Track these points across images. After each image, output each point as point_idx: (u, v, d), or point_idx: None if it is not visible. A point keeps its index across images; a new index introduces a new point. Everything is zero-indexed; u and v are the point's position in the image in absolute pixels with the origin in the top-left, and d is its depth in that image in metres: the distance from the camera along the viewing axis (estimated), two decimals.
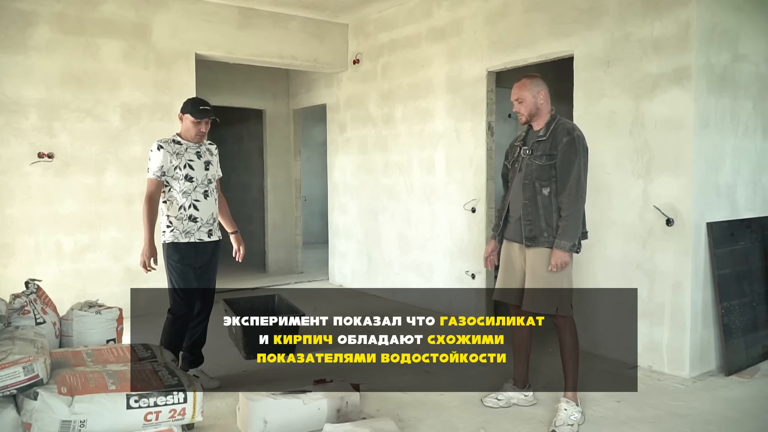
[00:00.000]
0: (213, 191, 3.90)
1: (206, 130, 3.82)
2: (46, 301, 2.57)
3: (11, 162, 5.44)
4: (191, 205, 3.76)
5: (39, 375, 1.84)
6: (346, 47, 7.28)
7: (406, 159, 6.43)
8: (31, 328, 2.25)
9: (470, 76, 5.59)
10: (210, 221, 3.86)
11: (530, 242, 3.32)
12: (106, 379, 1.93)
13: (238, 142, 10.14)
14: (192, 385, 2.02)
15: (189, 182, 3.74)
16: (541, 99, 3.36)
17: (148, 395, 1.92)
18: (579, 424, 3.26)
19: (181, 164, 3.72)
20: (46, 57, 5.54)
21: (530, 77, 3.40)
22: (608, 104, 4.43)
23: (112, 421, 1.86)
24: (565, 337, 3.37)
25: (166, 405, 1.93)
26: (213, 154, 3.98)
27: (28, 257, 5.51)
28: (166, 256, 3.75)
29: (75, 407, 1.82)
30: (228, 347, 4.91)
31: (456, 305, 5.84)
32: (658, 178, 4.13)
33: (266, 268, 8.69)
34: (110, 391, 1.88)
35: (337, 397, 3.34)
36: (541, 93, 3.35)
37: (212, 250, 3.93)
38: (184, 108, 3.77)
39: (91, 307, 2.61)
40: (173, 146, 3.75)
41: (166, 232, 3.76)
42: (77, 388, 1.86)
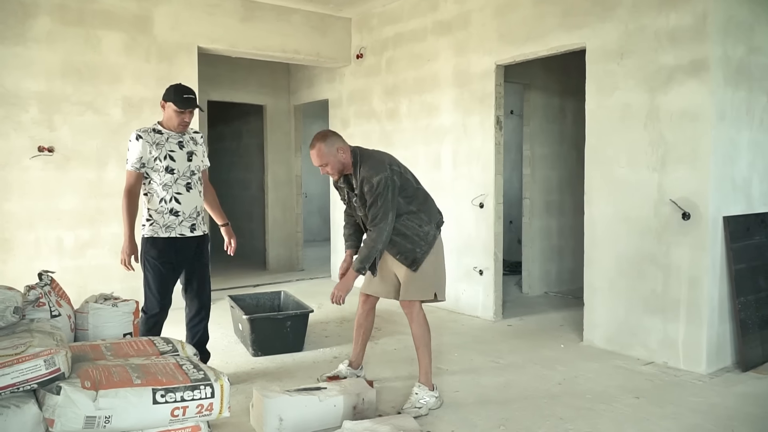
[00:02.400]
0: (197, 183, 3.68)
1: (190, 120, 3.61)
2: (61, 293, 2.47)
3: (11, 156, 5.32)
4: (172, 198, 3.54)
5: (61, 368, 1.75)
6: (350, 41, 7.19)
7: (412, 154, 6.34)
8: (47, 320, 2.16)
9: (478, 69, 5.52)
10: (193, 215, 3.63)
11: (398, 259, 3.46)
12: (131, 373, 1.84)
13: (237, 138, 10.04)
14: (219, 379, 1.94)
15: (170, 174, 3.52)
16: (342, 154, 3.31)
17: (174, 390, 1.83)
18: (431, 408, 3.35)
19: (161, 155, 3.50)
20: (47, 49, 5.43)
21: (321, 139, 3.30)
22: (622, 97, 4.37)
23: (138, 417, 1.77)
24: (413, 326, 3.46)
25: (193, 400, 1.85)
26: (198, 143, 3.72)
27: (27, 253, 5.39)
28: (144, 252, 3.55)
29: (100, 402, 1.73)
30: (234, 344, 4.82)
31: (463, 302, 5.77)
32: (673, 171, 4.08)
33: (267, 266, 8.60)
34: (136, 386, 1.79)
35: (353, 394, 3.27)
36: (338, 149, 3.30)
37: (197, 245, 3.70)
38: (167, 95, 3.54)
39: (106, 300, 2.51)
40: (153, 136, 3.53)
41: (145, 226, 3.57)
42: (101, 383, 1.78)
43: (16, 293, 2.12)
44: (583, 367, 4.15)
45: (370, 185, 3.21)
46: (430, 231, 3.42)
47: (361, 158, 3.29)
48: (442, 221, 3.53)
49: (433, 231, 3.44)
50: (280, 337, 4.50)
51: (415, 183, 3.45)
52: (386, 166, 3.26)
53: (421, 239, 3.38)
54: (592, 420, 3.26)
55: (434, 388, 3.47)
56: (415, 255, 3.37)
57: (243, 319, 4.50)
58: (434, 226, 3.46)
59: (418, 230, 3.37)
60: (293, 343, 4.56)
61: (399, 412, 3.33)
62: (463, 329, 5.24)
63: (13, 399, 1.70)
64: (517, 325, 5.34)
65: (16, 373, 1.68)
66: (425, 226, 3.40)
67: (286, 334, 4.52)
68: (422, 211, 3.41)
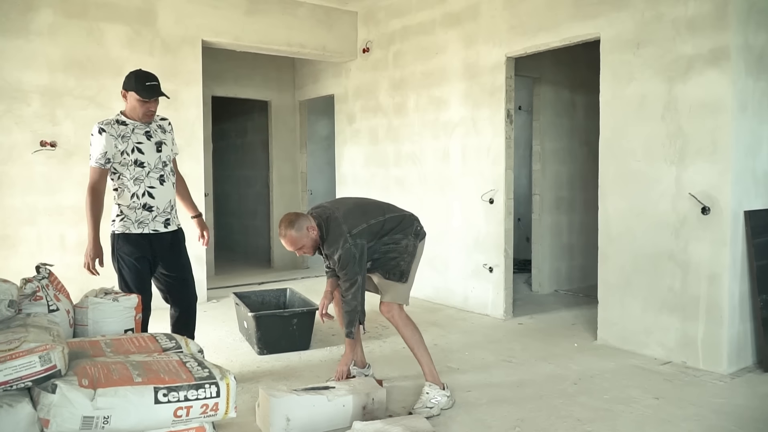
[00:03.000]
0: (170, 175, 3.45)
1: (155, 110, 3.36)
2: (59, 287, 2.36)
3: (13, 150, 5.23)
4: (145, 193, 3.31)
5: (57, 365, 1.64)
6: (356, 35, 7.08)
7: (419, 149, 6.24)
8: (44, 315, 2.05)
9: (488, 62, 5.40)
10: (167, 209, 3.42)
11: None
12: (131, 370, 1.73)
13: (241, 135, 9.94)
14: (225, 378, 1.82)
15: (140, 168, 3.28)
16: (312, 232, 3.28)
17: (177, 388, 1.72)
18: (442, 407, 3.27)
19: (128, 148, 3.25)
20: (49, 42, 5.34)
21: (288, 226, 3.24)
22: (638, 88, 4.24)
23: (139, 417, 1.66)
24: (400, 329, 3.42)
25: (198, 399, 1.73)
26: (166, 131, 3.47)
27: (30, 249, 5.30)
28: (116, 249, 3.32)
29: (98, 401, 1.61)
30: (239, 342, 4.72)
31: (472, 300, 5.65)
32: (692, 164, 3.95)
33: (272, 264, 8.49)
34: (136, 384, 1.67)
35: (363, 394, 3.16)
36: (307, 228, 3.27)
37: (171, 241, 3.46)
38: (127, 84, 3.28)
39: (107, 294, 2.40)
40: (117, 128, 3.26)
41: (115, 221, 3.33)
42: (100, 381, 1.66)
43: (11, 286, 2.01)
44: (598, 366, 4.03)
45: (334, 261, 3.30)
46: (408, 243, 3.42)
47: (326, 230, 3.29)
48: (418, 230, 3.49)
49: (411, 241, 3.43)
50: (286, 335, 4.39)
51: (381, 217, 3.41)
52: (345, 236, 3.23)
53: (402, 252, 3.41)
54: (611, 421, 3.14)
55: (445, 387, 3.36)
56: (401, 268, 3.40)
57: (248, 317, 4.39)
58: (412, 237, 3.44)
59: (396, 247, 3.40)
60: (300, 342, 4.45)
61: (410, 413, 3.22)
62: (472, 327, 5.12)
63: (6, 398, 1.59)
64: (528, 324, 5.22)
65: (9, 370, 1.57)
66: (402, 241, 3.41)
67: (293, 332, 4.41)
68: (395, 232, 3.41)
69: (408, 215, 3.52)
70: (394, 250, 3.38)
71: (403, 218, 3.48)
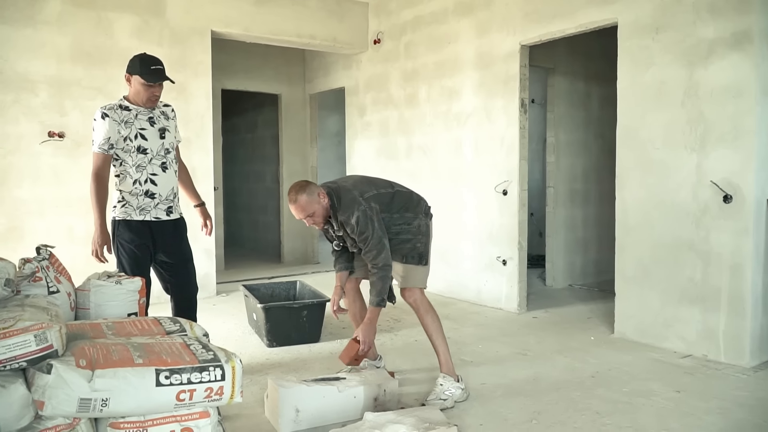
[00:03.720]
0: (173, 162, 3.38)
1: (159, 94, 3.28)
2: (60, 269, 2.29)
3: (21, 141, 5.19)
4: (147, 180, 3.24)
5: (53, 345, 1.56)
6: (367, 26, 6.99)
7: (431, 141, 6.14)
8: (44, 297, 1.97)
9: (502, 51, 5.29)
10: (170, 197, 3.34)
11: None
12: (132, 352, 1.64)
13: (252, 129, 9.88)
14: (230, 361, 1.74)
15: (143, 154, 3.22)
16: (323, 199, 3.14)
17: (180, 371, 1.63)
18: (457, 400, 3.17)
19: (131, 134, 3.19)
20: (57, 31, 5.29)
21: (299, 191, 3.12)
22: (657, 74, 4.12)
23: (139, 400, 1.58)
24: (420, 314, 3.32)
25: (202, 382, 1.64)
26: (169, 117, 3.40)
27: (38, 241, 5.14)
28: (116, 236, 3.24)
29: (96, 383, 1.53)
30: (248, 335, 4.64)
31: (486, 293, 5.55)
32: (713, 151, 3.83)
33: (282, 259, 8.42)
34: (137, 365, 1.59)
35: (374, 385, 3.07)
36: (319, 194, 3.14)
37: (173, 229, 3.38)
38: (131, 68, 3.19)
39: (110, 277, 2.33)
40: (120, 113, 3.19)
41: (117, 207, 3.26)
42: (98, 362, 1.58)
43: (7, 264, 1.94)
44: (616, 359, 3.92)
45: (352, 226, 3.13)
46: (420, 223, 3.33)
47: (337, 200, 3.16)
48: (428, 208, 3.41)
49: (423, 221, 3.34)
50: (296, 327, 4.31)
51: (390, 189, 3.33)
52: (358, 200, 3.12)
53: (416, 233, 3.30)
54: (631, 414, 3.03)
55: (460, 380, 3.27)
56: (419, 250, 3.29)
57: (257, 308, 4.32)
58: (422, 215, 3.35)
59: (409, 228, 3.29)
60: (310, 334, 4.37)
61: (423, 404, 3.13)
62: (486, 321, 5.02)
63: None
64: (543, 317, 5.11)
65: (2, 349, 1.48)
66: (414, 221, 3.31)
67: (303, 323, 4.33)
68: (405, 210, 3.30)
69: (416, 193, 3.43)
70: (407, 231, 3.27)
71: (412, 195, 3.39)
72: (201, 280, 6.02)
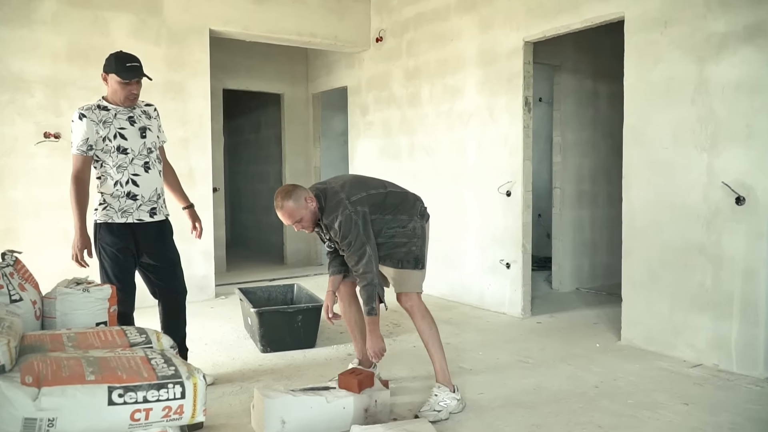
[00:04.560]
0: (156, 162, 3.28)
1: (138, 92, 3.17)
2: (26, 276, 2.18)
3: (16, 142, 5.11)
4: (129, 181, 3.14)
5: (0, 360, 1.45)
6: (369, 24, 6.85)
7: (434, 141, 5.99)
8: (4, 306, 1.86)
9: (505, 47, 5.14)
10: (153, 198, 3.24)
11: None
12: (85, 367, 1.52)
13: (255, 130, 9.79)
14: (192, 377, 1.61)
15: (123, 154, 3.12)
16: (311, 203, 3.03)
17: (136, 388, 1.51)
18: (452, 411, 3.04)
19: (110, 134, 3.09)
20: (52, 31, 5.21)
21: (285, 196, 3.01)
22: (666, 70, 3.96)
23: (90, 420, 1.45)
24: (417, 320, 3.18)
25: (159, 401, 1.52)
26: (151, 117, 3.30)
27: (32, 243, 5.16)
28: (98, 239, 3.15)
29: (42, 401, 1.41)
30: (243, 339, 4.53)
31: (489, 297, 5.39)
32: (725, 150, 3.66)
33: (285, 260, 8.31)
34: (88, 383, 1.47)
35: (365, 395, 2.93)
36: (306, 199, 3.02)
37: (157, 232, 3.28)
38: (107, 66, 3.10)
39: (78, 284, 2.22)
40: (99, 113, 3.10)
41: (98, 210, 3.17)
42: (46, 378, 1.46)
43: None
44: (621, 368, 3.75)
45: (335, 230, 3.03)
46: (416, 225, 3.17)
47: (324, 202, 3.05)
48: (423, 210, 3.26)
49: (419, 223, 3.20)
50: (290, 332, 4.19)
51: (383, 189, 3.18)
52: (344, 203, 2.99)
53: (411, 236, 3.15)
54: (635, 428, 2.87)
55: (455, 390, 3.12)
56: (415, 254, 3.14)
57: (251, 313, 4.20)
58: (418, 217, 3.20)
59: (404, 231, 3.14)
60: (305, 339, 4.25)
61: (416, 416, 2.99)
62: (488, 326, 4.86)
63: None
64: (548, 323, 4.95)
65: None
66: (408, 223, 3.15)
67: (297, 328, 4.20)
68: (398, 212, 3.15)
69: (411, 193, 3.29)
70: (402, 234, 3.12)
71: (407, 195, 3.25)
72: (199, 282, 5.98)
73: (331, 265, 3.39)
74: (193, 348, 4.21)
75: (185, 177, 5.78)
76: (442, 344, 3.22)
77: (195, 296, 5.85)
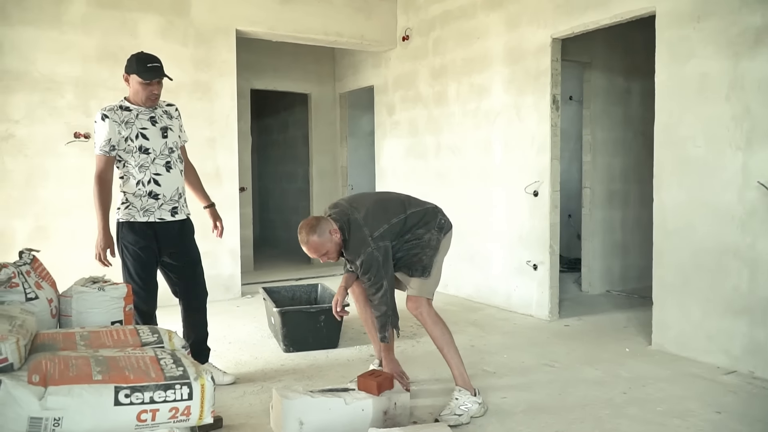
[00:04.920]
0: (177, 162, 3.30)
1: (159, 92, 3.22)
2: (43, 274, 2.19)
3: (47, 142, 5.20)
4: (151, 180, 3.17)
5: (8, 359, 1.44)
6: (395, 23, 6.81)
7: (460, 140, 5.92)
8: (20, 303, 1.88)
9: (532, 44, 5.04)
10: (175, 197, 3.27)
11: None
12: (93, 366, 1.52)
13: (283, 130, 9.83)
14: (200, 378, 1.59)
15: (145, 154, 3.15)
16: (335, 235, 3.03)
17: (143, 388, 1.49)
18: (473, 415, 2.99)
19: (132, 134, 3.13)
20: (82, 32, 5.29)
21: (310, 231, 3.00)
22: (698, 66, 3.83)
23: (96, 420, 1.44)
24: (428, 327, 3.16)
25: (166, 402, 1.50)
26: (173, 117, 3.35)
27: (64, 241, 5.25)
28: (120, 238, 3.19)
29: (48, 401, 1.41)
30: (266, 339, 4.53)
31: (516, 299, 5.30)
32: (762, 149, 3.51)
33: (311, 260, 8.30)
34: (95, 382, 1.46)
35: (384, 398, 2.89)
36: (330, 231, 3.02)
37: (179, 230, 3.31)
38: (129, 67, 3.16)
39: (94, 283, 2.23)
40: (121, 114, 3.15)
41: (120, 209, 3.21)
42: (53, 377, 1.46)
43: None
44: (651, 374, 3.64)
45: (356, 266, 3.10)
46: (431, 237, 3.17)
47: (348, 234, 3.05)
48: (442, 223, 3.24)
49: (435, 235, 3.19)
50: (313, 332, 4.17)
51: (403, 214, 3.15)
52: (366, 242, 3.00)
53: (425, 247, 3.16)
54: None
55: (477, 393, 3.06)
56: (423, 263, 3.14)
57: (274, 312, 4.20)
58: (435, 231, 3.19)
59: (419, 243, 3.15)
60: (327, 339, 4.23)
61: (436, 420, 2.94)
62: (514, 329, 4.78)
63: None
64: (576, 326, 4.84)
65: None
66: (425, 236, 3.16)
67: (320, 328, 4.19)
68: (416, 228, 3.16)
69: (431, 208, 3.27)
70: (417, 245, 3.15)
71: (426, 212, 3.23)
72: (225, 281, 6.01)
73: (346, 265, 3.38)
74: (216, 347, 4.23)
75: (212, 176, 5.84)
76: (457, 348, 3.18)
77: (221, 295, 5.90)
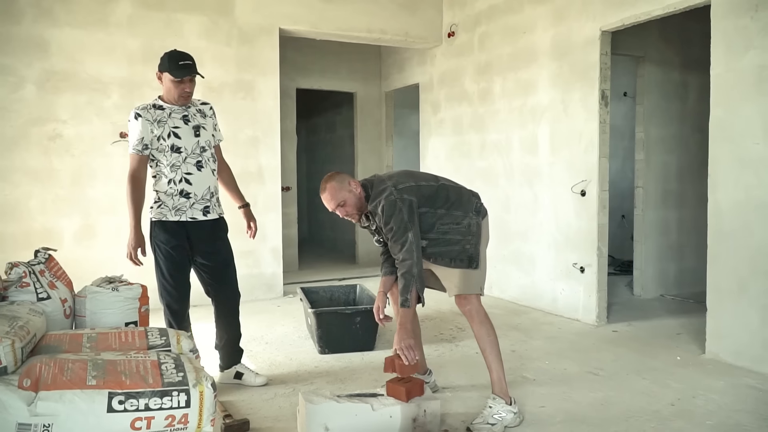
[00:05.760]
0: (210, 161, 3.27)
1: (191, 90, 3.19)
2: (58, 273, 2.19)
3: (94, 141, 5.32)
4: (182, 179, 3.16)
5: (2, 361, 1.42)
6: (440, 19, 6.68)
7: (505, 138, 5.74)
8: (30, 303, 1.87)
9: (580, 38, 4.83)
10: (206, 197, 3.24)
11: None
12: (89, 371, 1.48)
13: (330, 130, 9.83)
14: (199, 385, 1.53)
15: (176, 153, 3.14)
16: (355, 187, 2.94)
17: (137, 395, 1.45)
18: (507, 425, 2.85)
19: (164, 133, 3.12)
20: (128, 33, 5.38)
21: (329, 179, 2.94)
22: (757, 57, 3.56)
23: (87, 428, 1.40)
24: (475, 325, 3.00)
25: (162, 409, 1.45)
26: (206, 115, 3.32)
27: (110, 239, 5.36)
28: (152, 237, 3.19)
29: (38, 407, 1.37)
30: (303, 339, 4.49)
31: (561, 302, 5.10)
32: None
33: (356, 260, 8.28)
34: (88, 387, 1.42)
35: (414, 404, 2.78)
36: (350, 182, 2.94)
37: (210, 230, 3.28)
38: (161, 65, 3.14)
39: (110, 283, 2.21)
40: (153, 112, 3.15)
41: (153, 208, 3.21)
42: (45, 382, 1.42)
43: None
44: (703, 385, 3.41)
45: (378, 215, 2.91)
46: (471, 222, 2.98)
47: (371, 189, 2.94)
48: (480, 206, 3.07)
49: (474, 219, 3.01)
50: (348, 334, 4.10)
51: (434, 182, 3.02)
52: (388, 188, 2.87)
53: (466, 234, 2.97)
54: None
55: (512, 402, 2.92)
56: (469, 252, 2.96)
57: (309, 313, 4.15)
58: (473, 214, 3.01)
59: (457, 228, 2.96)
60: (363, 341, 4.15)
61: (468, 429, 2.81)
62: (558, 333, 4.58)
63: None
64: (624, 332, 4.60)
65: None
66: (463, 220, 2.97)
67: (356, 330, 4.11)
68: (453, 207, 2.98)
69: (467, 189, 3.12)
70: (456, 231, 2.95)
71: (462, 191, 3.08)
72: (268, 280, 6.02)
73: (384, 266, 3.26)
74: (253, 347, 4.23)
75: (254, 175, 5.86)
76: (500, 353, 3.02)
77: (263, 294, 5.92)
